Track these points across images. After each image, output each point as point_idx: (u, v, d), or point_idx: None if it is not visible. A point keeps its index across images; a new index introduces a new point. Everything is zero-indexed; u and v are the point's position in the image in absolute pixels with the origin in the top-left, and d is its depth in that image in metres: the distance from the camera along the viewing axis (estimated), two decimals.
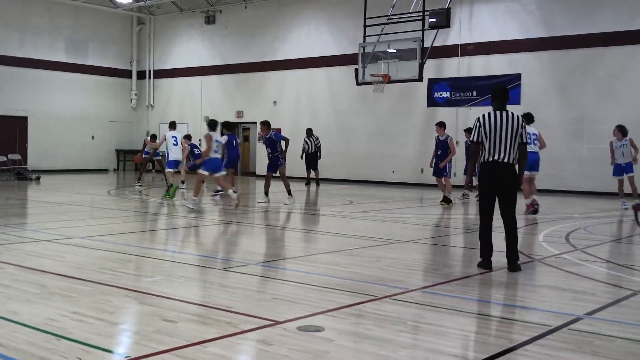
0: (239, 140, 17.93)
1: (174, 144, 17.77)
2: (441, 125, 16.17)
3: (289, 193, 15.63)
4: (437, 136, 16.11)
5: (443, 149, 15.72)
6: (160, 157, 20.74)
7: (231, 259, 8.35)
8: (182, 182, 19.41)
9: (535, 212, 13.40)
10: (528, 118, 13.53)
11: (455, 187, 18.56)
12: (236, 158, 17.94)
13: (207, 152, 14.30)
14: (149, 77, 31.95)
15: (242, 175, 28.28)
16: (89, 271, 7.09)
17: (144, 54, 32.09)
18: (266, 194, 15.74)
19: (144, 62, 32.08)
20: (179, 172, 18.92)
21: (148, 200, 16.82)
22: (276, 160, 15.58)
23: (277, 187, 19.06)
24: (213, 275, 7.14)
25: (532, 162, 13.07)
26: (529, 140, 13.09)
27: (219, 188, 16.90)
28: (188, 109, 30.01)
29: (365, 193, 19.86)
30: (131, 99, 32.12)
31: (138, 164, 20.59)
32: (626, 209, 15.13)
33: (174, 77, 31.05)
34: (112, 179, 26.04)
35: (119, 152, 31.38)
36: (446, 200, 15.44)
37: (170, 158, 17.84)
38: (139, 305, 5.75)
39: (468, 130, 16.87)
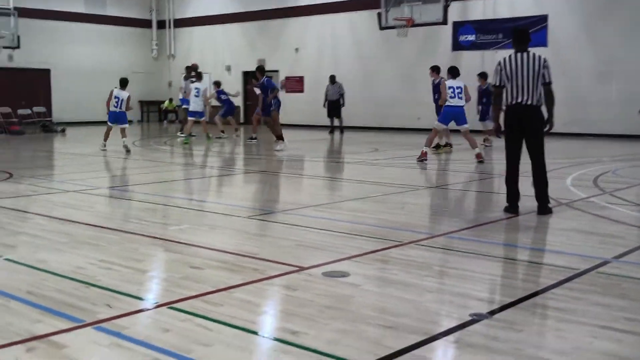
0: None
1: (195, 96, 17.88)
2: (434, 69, 15.86)
3: (280, 138, 16.13)
4: (432, 80, 15.95)
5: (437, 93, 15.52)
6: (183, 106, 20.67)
7: (256, 207, 8.38)
8: (222, 132, 19.39)
9: (482, 161, 12.93)
10: (453, 72, 13.38)
11: (473, 132, 18.37)
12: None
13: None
14: (169, 27, 31.70)
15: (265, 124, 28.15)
16: (116, 220, 7.16)
17: (164, 2, 31.78)
18: (280, 138, 16.23)
19: (164, 11, 31.80)
20: (198, 122, 18.89)
21: (173, 151, 16.89)
22: (269, 105, 16.59)
23: (297, 135, 19.02)
24: (238, 223, 7.17)
25: (457, 115, 13.13)
26: (452, 94, 13.04)
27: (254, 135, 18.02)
28: (209, 58, 29.79)
29: (390, 140, 19.73)
30: (152, 49, 31.96)
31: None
32: None
33: (194, 26, 30.77)
34: (136, 129, 26.13)
35: (142, 103, 31.41)
36: (437, 146, 14.97)
37: (191, 109, 18.34)
38: (165, 253, 5.80)
39: (481, 75, 16.61)
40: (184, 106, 20.47)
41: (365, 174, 11.82)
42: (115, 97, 15.83)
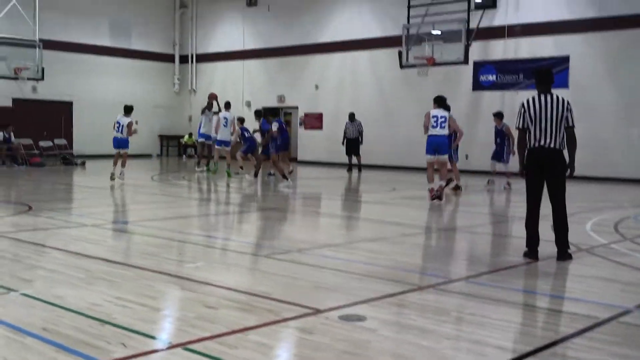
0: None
1: (224, 125, 18.40)
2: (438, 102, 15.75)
3: (284, 177, 16.35)
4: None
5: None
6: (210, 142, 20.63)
7: (272, 246, 8.34)
8: (241, 168, 19.47)
9: (439, 198, 12.86)
10: (438, 101, 13.20)
11: (467, 172, 18.33)
12: (287, 141, 18.47)
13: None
14: (192, 62, 32.11)
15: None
16: (132, 256, 7.15)
17: (186, 37, 32.25)
18: (283, 176, 16.42)
19: (186, 46, 32.25)
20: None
21: (191, 186, 16.94)
22: (266, 147, 17.11)
23: (315, 172, 19.03)
24: (254, 262, 7.13)
25: (439, 145, 12.93)
26: (435, 124, 12.90)
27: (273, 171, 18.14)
28: (230, 93, 29.98)
29: (408, 179, 19.69)
30: (174, 84, 32.36)
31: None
32: None
33: (216, 61, 31.15)
34: (155, 164, 26.33)
35: (162, 137, 31.67)
36: (449, 186, 14.80)
37: (219, 138, 18.66)
38: (180, 291, 5.77)
39: (497, 115, 16.54)
40: (200, 140, 20.60)
41: (383, 214, 11.76)
42: (117, 123, 16.55)
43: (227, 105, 19.39)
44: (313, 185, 16.38)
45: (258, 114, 18.77)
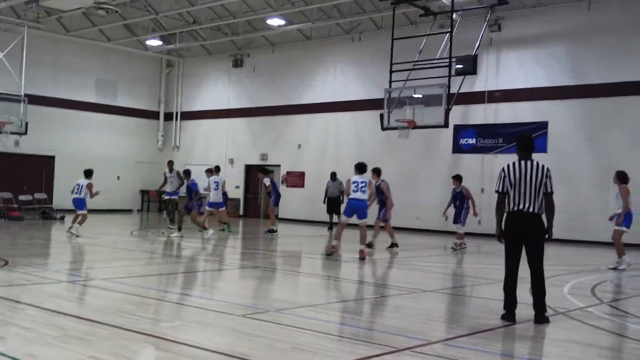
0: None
1: (214, 189, 18.54)
2: (374, 170, 16.39)
3: (205, 228, 17.32)
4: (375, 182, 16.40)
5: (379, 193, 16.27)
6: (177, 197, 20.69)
7: (250, 305, 8.27)
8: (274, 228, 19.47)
9: (330, 254, 13.54)
10: (359, 168, 13.97)
11: (445, 233, 18.43)
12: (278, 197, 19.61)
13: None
14: (176, 119, 32.33)
15: (265, 217, 28.27)
16: (108, 314, 7.06)
17: (172, 95, 32.55)
18: (179, 229, 17.73)
19: (172, 104, 32.51)
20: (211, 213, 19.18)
21: (170, 242, 16.84)
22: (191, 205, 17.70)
23: (296, 230, 19.05)
24: (232, 321, 7.07)
25: (357, 209, 13.61)
26: (355, 188, 13.59)
27: (273, 227, 18.81)
28: (213, 151, 30.25)
29: (388, 239, 19.70)
30: (157, 140, 32.47)
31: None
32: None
33: (200, 119, 31.40)
34: (135, 219, 26.18)
35: (143, 193, 31.60)
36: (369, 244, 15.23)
37: (210, 200, 18.58)
38: (156, 351, 5.70)
39: (456, 177, 16.71)
40: (170, 197, 20.60)
41: (363, 274, 11.74)
42: (77, 185, 17.24)
43: (217, 169, 19.58)
44: (294, 243, 16.34)
45: (210, 170, 18.95)
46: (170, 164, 21.36)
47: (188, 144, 31.83)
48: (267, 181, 19.10)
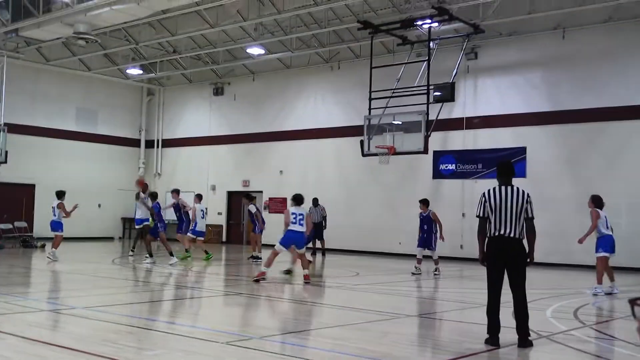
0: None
1: (201, 217, 18.93)
2: (422, 202, 16.84)
3: (171, 254, 17.38)
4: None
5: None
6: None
7: (234, 332, 8.23)
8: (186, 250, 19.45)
9: (257, 280, 13.75)
10: (296, 200, 14.24)
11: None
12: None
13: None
14: (157, 146, 32.31)
15: (247, 244, 28.20)
16: (90, 343, 6.99)
17: (153, 123, 32.55)
18: (150, 254, 17.68)
19: (153, 131, 32.51)
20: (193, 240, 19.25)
21: (152, 270, 16.73)
22: (155, 227, 18.00)
23: (279, 256, 19.01)
24: (216, 349, 7.02)
25: (296, 240, 13.99)
26: (294, 220, 13.89)
27: (256, 254, 18.96)
28: (194, 178, 30.20)
29: (371, 264, 19.74)
30: (139, 167, 32.37)
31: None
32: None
33: (181, 147, 31.41)
34: (117, 247, 25.97)
35: (124, 220, 31.40)
36: (287, 271, 15.42)
37: (197, 229, 18.94)
38: None
39: (423, 202, 16.78)
40: (138, 226, 20.19)
41: (347, 300, 11.73)
42: (52, 207, 18.02)
43: (200, 197, 19.70)
44: (277, 270, 16.25)
45: (151, 193, 18.97)
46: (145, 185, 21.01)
47: (169, 171, 31.78)
48: (252, 208, 19.09)
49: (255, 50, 25.78)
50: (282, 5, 21.84)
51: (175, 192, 20.07)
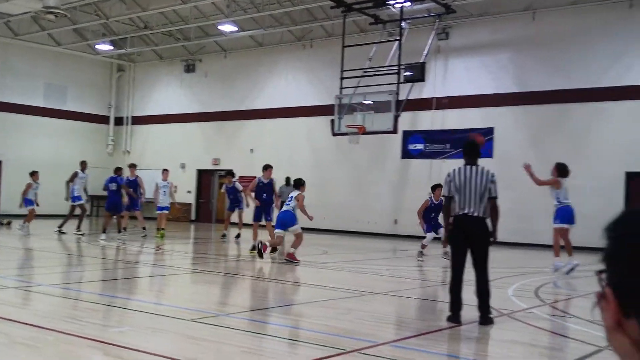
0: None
1: (163, 194, 19.03)
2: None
3: (104, 231, 17.64)
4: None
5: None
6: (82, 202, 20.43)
7: (200, 310, 8.28)
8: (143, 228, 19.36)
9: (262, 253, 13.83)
10: (287, 182, 14.47)
11: (396, 237, 18.69)
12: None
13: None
14: (127, 123, 32.01)
15: (217, 222, 28.18)
16: (55, 320, 7.00)
17: (123, 100, 32.22)
18: (104, 231, 17.75)
19: (122, 108, 32.19)
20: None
21: (120, 248, 16.68)
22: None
23: (249, 234, 19.07)
24: (181, 326, 7.07)
25: (286, 219, 14.21)
26: (287, 200, 14.36)
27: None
28: (165, 155, 30.00)
29: (340, 243, 19.88)
30: (107, 145, 32.07)
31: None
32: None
33: (151, 124, 31.16)
34: (84, 224, 25.77)
35: (92, 198, 31.10)
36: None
37: (160, 204, 19.04)
38: (103, 357, 5.68)
39: (438, 187, 15.45)
40: (74, 203, 20.20)
41: (314, 278, 11.84)
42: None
43: (165, 173, 19.66)
44: (246, 248, 16.32)
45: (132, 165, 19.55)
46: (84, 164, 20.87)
47: (139, 149, 31.53)
48: (239, 185, 19.39)
49: (227, 27, 25.60)
50: None
51: (133, 166, 19.95)
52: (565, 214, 12.85)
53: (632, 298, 1.00)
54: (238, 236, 19.07)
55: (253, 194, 16.04)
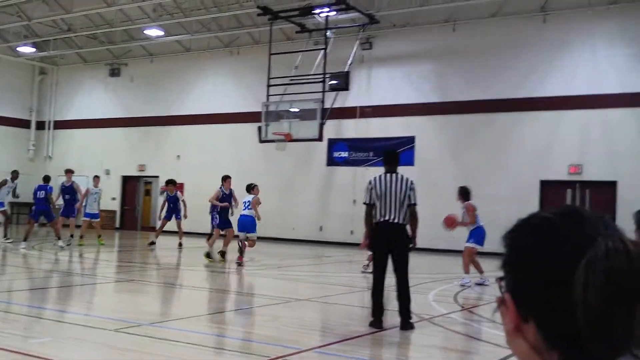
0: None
1: (94, 201, 18.94)
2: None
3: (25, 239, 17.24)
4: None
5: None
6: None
7: (123, 319, 8.23)
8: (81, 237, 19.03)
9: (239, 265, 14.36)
10: (247, 188, 15.64)
11: (322, 243, 18.97)
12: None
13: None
14: (49, 128, 31.18)
15: (142, 229, 27.79)
16: None
17: (45, 104, 31.37)
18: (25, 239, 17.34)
19: (44, 112, 31.33)
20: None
21: (41, 256, 16.29)
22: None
23: (177, 241, 18.95)
24: (104, 336, 7.03)
25: (247, 224, 14.90)
26: (244, 206, 15.11)
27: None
28: (88, 161, 29.36)
29: (266, 250, 19.92)
30: (28, 150, 31.16)
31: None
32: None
33: (75, 129, 30.43)
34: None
35: (12, 205, 30.16)
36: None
37: (88, 211, 18.90)
38: None
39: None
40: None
41: (239, 284, 11.90)
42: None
43: (95, 179, 19.64)
44: (171, 256, 16.24)
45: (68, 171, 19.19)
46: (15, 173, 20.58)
47: (61, 154, 30.74)
48: (180, 195, 19.52)
49: (153, 32, 25.34)
50: None
51: (69, 172, 19.54)
52: (480, 235, 13.08)
53: (529, 303, 1.01)
54: (180, 245, 18.97)
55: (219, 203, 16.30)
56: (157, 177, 27.38)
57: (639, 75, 19.00)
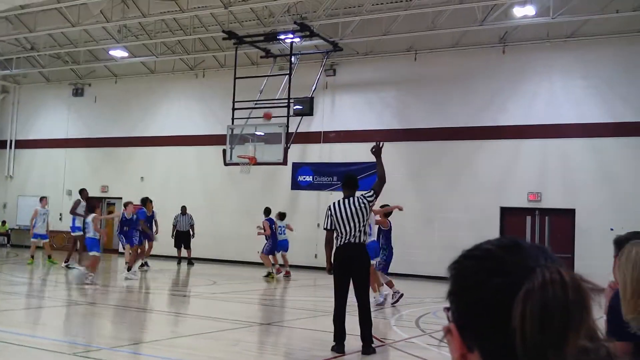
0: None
1: (43, 221, 19.52)
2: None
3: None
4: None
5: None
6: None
7: (85, 343, 8.21)
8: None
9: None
10: (281, 216, 16.96)
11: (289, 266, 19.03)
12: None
13: None
14: (10, 147, 30.76)
15: (105, 252, 27.47)
16: None
17: (6, 122, 30.95)
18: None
19: (5, 131, 30.91)
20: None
21: (1, 278, 16.06)
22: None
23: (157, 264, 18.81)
24: None
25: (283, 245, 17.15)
26: (280, 230, 16.77)
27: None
28: (50, 181, 29.03)
29: (229, 273, 19.95)
30: None
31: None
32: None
33: (36, 148, 30.08)
34: None
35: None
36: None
37: (37, 232, 19.32)
38: None
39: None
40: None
41: (201, 309, 11.90)
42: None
43: (43, 200, 20.10)
44: (135, 279, 16.08)
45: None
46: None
47: (23, 174, 30.33)
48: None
49: (118, 53, 25.30)
50: (147, 9, 21.64)
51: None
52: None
53: (472, 333, 1.04)
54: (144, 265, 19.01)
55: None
56: (120, 198, 27.14)
57: (594, 107, 19.59)
